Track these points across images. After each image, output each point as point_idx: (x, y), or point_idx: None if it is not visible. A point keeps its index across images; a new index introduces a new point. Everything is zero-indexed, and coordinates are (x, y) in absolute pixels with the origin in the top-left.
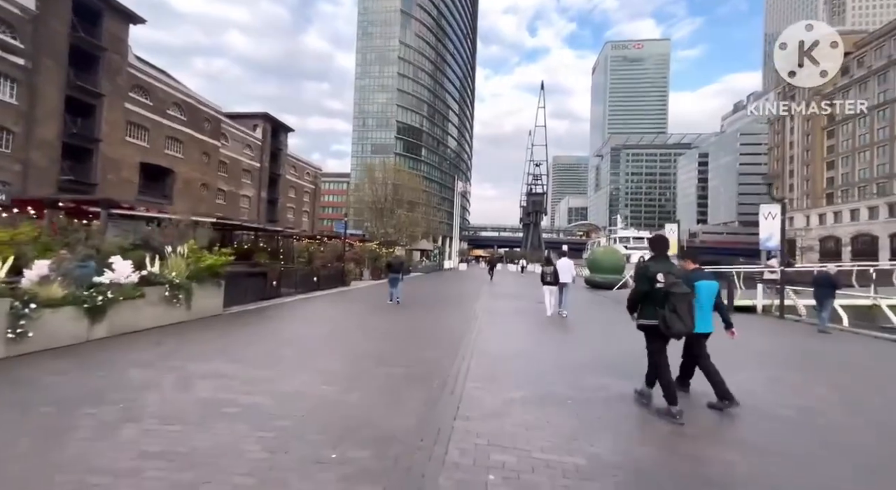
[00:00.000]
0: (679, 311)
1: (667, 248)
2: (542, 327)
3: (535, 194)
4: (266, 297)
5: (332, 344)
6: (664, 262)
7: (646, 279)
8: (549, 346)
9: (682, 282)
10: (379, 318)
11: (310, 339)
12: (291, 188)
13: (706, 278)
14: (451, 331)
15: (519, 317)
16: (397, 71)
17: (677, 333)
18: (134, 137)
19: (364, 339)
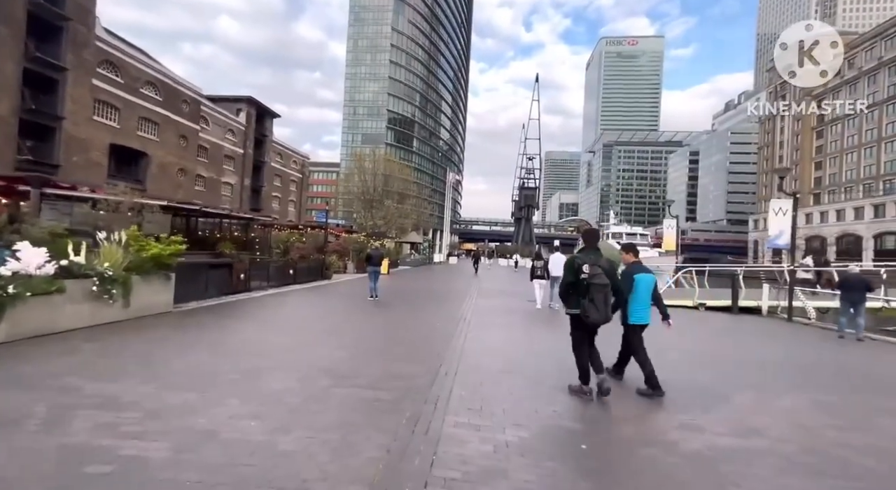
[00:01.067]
0: (596, 301)
1: (596, 241)
2: (537, 331)
3: (528, 188)
4: (231, 292)
5: (286, 353)
6: (592, 254)
7: (572, 270)
8: (548, 359)
9: (603, 273)
10: (353, 318)
11: (261, 347)
12: (277, 176)
13: (644, 271)
14: (435, 336)
15: (511, 318)
16: (389, 59)
17: (594, 322)
18: (103, 117)
19: (329, 347)
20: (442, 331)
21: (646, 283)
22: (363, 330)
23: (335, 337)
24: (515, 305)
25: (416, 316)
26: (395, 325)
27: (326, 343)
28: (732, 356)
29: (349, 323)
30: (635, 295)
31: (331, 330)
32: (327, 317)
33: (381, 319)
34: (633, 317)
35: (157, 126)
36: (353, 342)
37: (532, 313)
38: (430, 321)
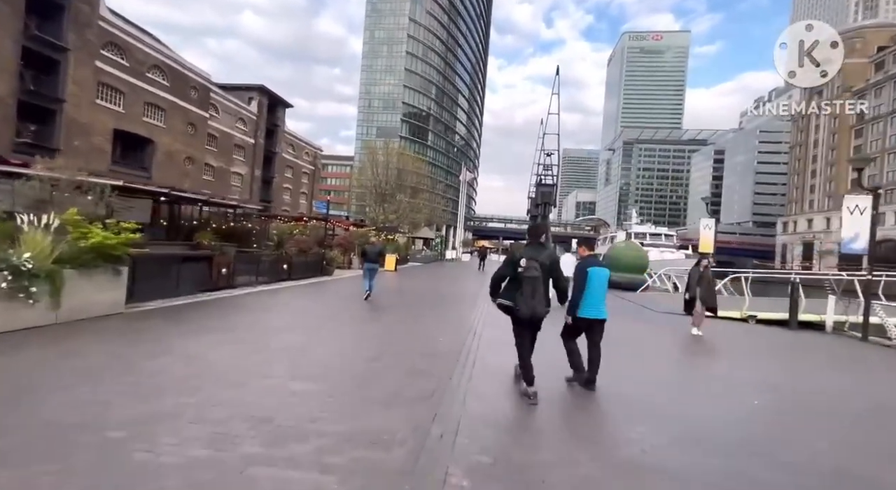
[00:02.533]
0: (524, 294)
1: (541, 235)
2: None
3: (545, 185)
4: (211, 289)
5: (220, 387)
6: (535, 249)
7: (511, 263)
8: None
9: (535, 268)
10: (338, 327)
11: (191, 373)
12: (289, 168)
13: (597, 265)
14: (434, 358)
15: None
16: (406, 50)
17: (524, 315)
18: (107, 101)
19: (285, 377)
20: (444, 349)
21: (599, 277)
22: (344, 347)
23: (302, 358)
24: None
25: (416, 326)
26: (387, 340)
27: (285, 370)
28: (835, 404)
29: (331, 334)
30: (588, 289)
31: (301, 346)
32: (306, 325)
33: (372, 331)
34: (583, 310)
35: (163, 112)
36: (322, 370)
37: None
38: (431, 333)
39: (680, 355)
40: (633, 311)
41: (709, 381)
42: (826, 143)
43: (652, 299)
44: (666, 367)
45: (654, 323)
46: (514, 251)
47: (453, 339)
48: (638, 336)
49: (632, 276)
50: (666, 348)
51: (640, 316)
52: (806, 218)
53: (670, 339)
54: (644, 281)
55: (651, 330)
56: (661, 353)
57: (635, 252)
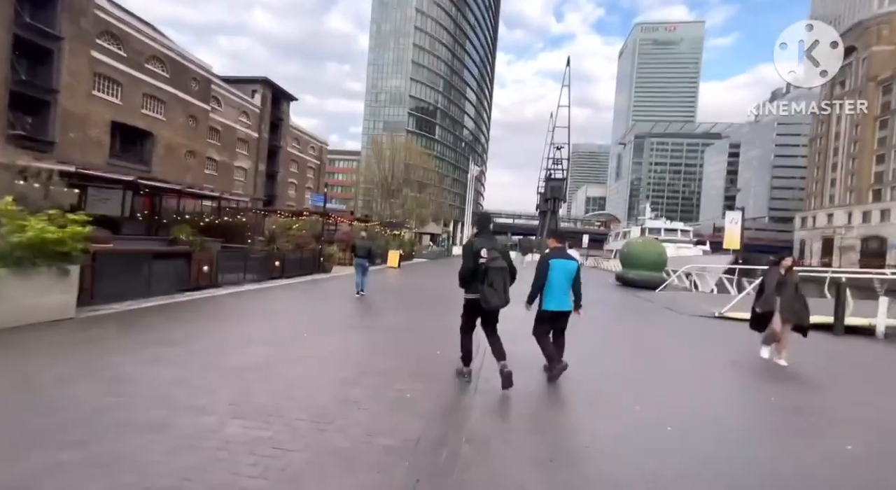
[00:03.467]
0: (495, 285)
1: (489, 225)
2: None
3: (555, 180)
4: (191, 288)
5: (128, 433)
6: (487, 238)
7: (471, 255)
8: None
9: (500, 258)
10: (318, 336)
11: (107, 406)
12: (293, 162)
13: (563, 257)
14: (428, 380)
15: None
16: (413, 42)
17: (494, 307)
18: (104, 92)
19: (229, 411)
20: (441, 367)
21: (563, 269)
22: (316, 366)
23: (258, 383)
24: None
25: (410, 334)
26: (372, 353)
27: (229, 402)
28: None
29: (306, 346)
30: (550, 281)
31: (262, 365)
32: (281, 333)
33: (357, 341)
34: (547, 303)
35: (163, 104)
36: (277, 401)
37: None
38: (427, 344)
39: (729, 378)
40: (656, 313)
41: (795, 425)
42: (848, 135)
43: (674, 300)
44: (713, 392)
45: (684, 329)
46: (473, 242)
47: (453, 353)
48: (666, 348)
49: (650, 275)
50: (706, 364)
51: (664, 320)
52: (826, 213)
53: (710, 353)
54: (662, 279)
55: (683, 338)
56: (704, 372)
57: (653, 248)
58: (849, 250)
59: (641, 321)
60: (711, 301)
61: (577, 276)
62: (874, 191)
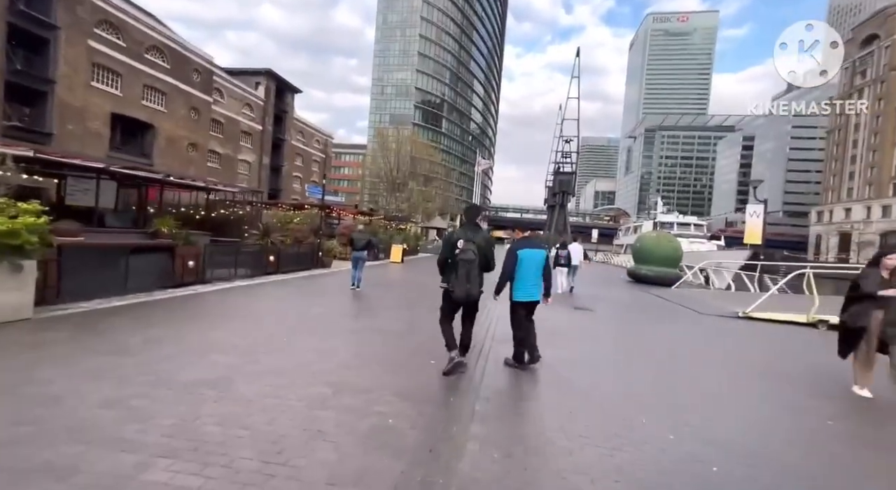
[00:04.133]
0: (459, 276)
1: (476, 216)
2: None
3: (564, 173)
4: (173, 285)
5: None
6: (470, 229)
7: (449, 245)
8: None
9: (471, 250)
10: (298, 341)
11: (26, 439)
12: (298, 156)
13: (531, 247)
14: (417, 400)
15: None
16: (420, 33)
17: (457, 298)
18: (102, 83)
19: (159, 445)
20: (434, 381)
21: (531, 259)
22: (287, 380)
23: (210, 405)
24: (564, 322)
25: (402, 339)
26: (356, 363)
27: (164, 433)
28: None
29: (280, 354)
30: (519, 271)
31: (222, 379)
32: (256, 338)
33: (341, 347)
34: (516, 293)
35: (164, 96)
36: (229, 431)
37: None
38: (421, 351)
39: (770, 393)
40: (674, 314)
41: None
42: (868, 127)
43: (691, 298)
44: (756, 416)
45: (707, 332)
46: (452, 233)
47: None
48: (690, 356)
49: (664, 271)
50: (740, 376)
51: (684, 321)
52: (843, 207)
53: (741, 361)
54: (677, 275)
55: (708, 343)
56: (740, 386)
57: (668, 243)
58: (867, 246)
59: (659, 323)
60: (731, 299)
61: (547, 265)
62: (895, 184)
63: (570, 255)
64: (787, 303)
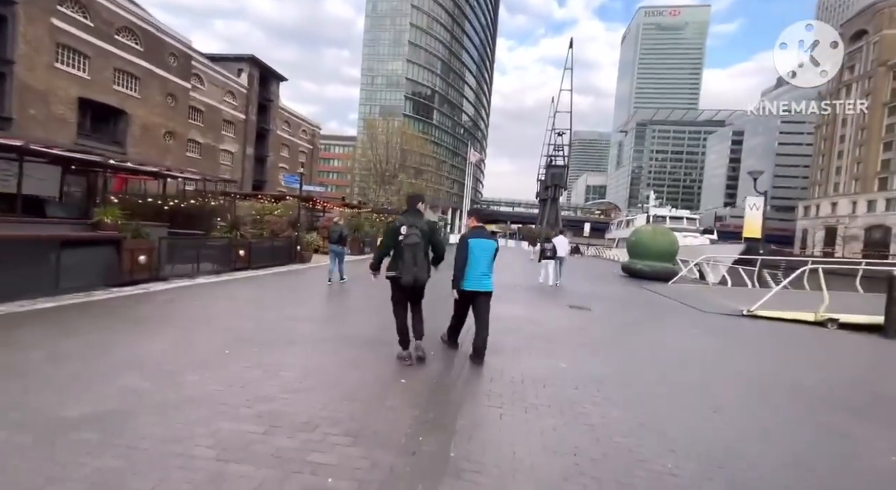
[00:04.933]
0: (406, 261)
1: (417, 203)
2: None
3: (556, 166)
4: (123, 282)
5: None
6: (412, 216)
7: (392, 232)
8: None
9: (416, 234)
10: (243, 354)
11: None
12: (284, 146)
13: (482, 236)
14: (373, 444)
15: (556, 346)
16: (410, 22)
17: (406, 283)
18: (68, 65)
19: None
20: (401, 407)
21: (481, 248)
22: (207, 417)
23: (88, 458)
24: (550, 314)
25: (375, 347)
26: (312, 383)
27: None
28: None
29: (222, 370)
30: (470, 261)
31: (124, 413)
32: (200, 348)
33: (299, 360)
34: (466, 283)
35: (137, 80)
36: None
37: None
38: (392, 366)
39: (808, 415)
40: (674, 311)
41: None
42: (856, 123)
43: (689, 294)
44: (799, 447)
45: (714, 333)
46: (396, 220)
47: (424, 381)
48: (701, 362)
49: (660, 266)
50: (765, 389)
51: (685, 320)
52: (830, 201)
53: (762, 369)
54: (673, 271)
55: (718, 346)
56: (769, 404)
57: (663, 237)
58: (852, 240)
59: (662, 324)
60: (732, 296)
61: (496, 256)
62: (880, 179)
63: (555, 248)
64: (791, 300)
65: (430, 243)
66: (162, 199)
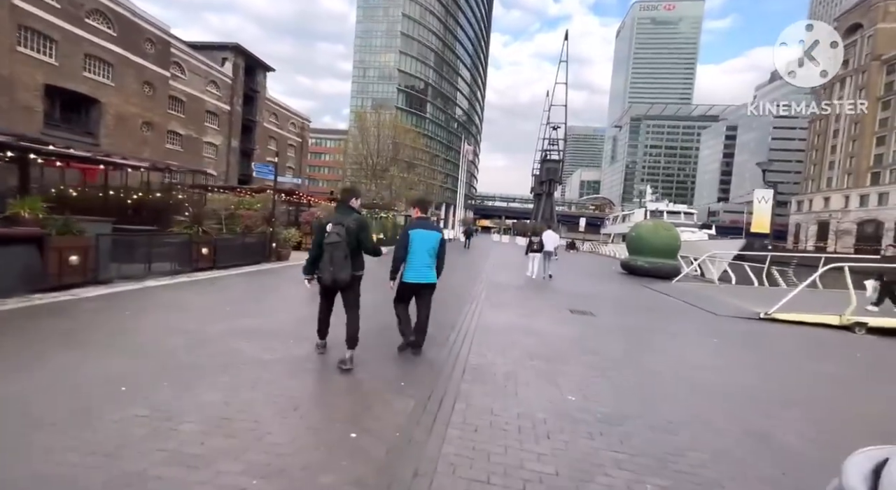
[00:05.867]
0: (324, 259)
1: (350, 199)
2: None
3: (551, 161)
4: (50, 287)
5: None
6: (343, 212)
7: (319, 230)
8: None
9: (337, 232)
10: (157, 393)
11: None
12: (272, 139)
13: (424, 228)
14: None
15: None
16: (403, 12)
17: (326, 281)
18: (33, 49)
19: None
20: (347, 469)
21: (422, 240)
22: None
23: None
24: (553, 327)
25: (344, 374)
26: (249, 429)
27: None
28: None
29: (98, 422)
30: (411, 252)
31: None
32: (79, 387)
33: (237, 396)
34: (407, 274)
35: (110, 67)
36: None
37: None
38: (348, 410)
39: None
40: (683, 314)
41: None
42: (849, 117)
43: (696, 294)
44: None
45: (735, 342)
46: (321, 218)
47: (379, 440)
48: (734, 383)
49: (662, 262)
50: (833, 424)
51: (699, 325)
52: (823, 196)
53: (814, 393)
54: (676, 268)
55: (746, 360)
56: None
57: (666, 232)
58: (844, 234)
59: (674, 329)
60: (740, 295)
61: (440, 247)
62: (873, 174)
63: (542, 242)
64: (808, 300)
65: (359, 240)
66: (125, 191)
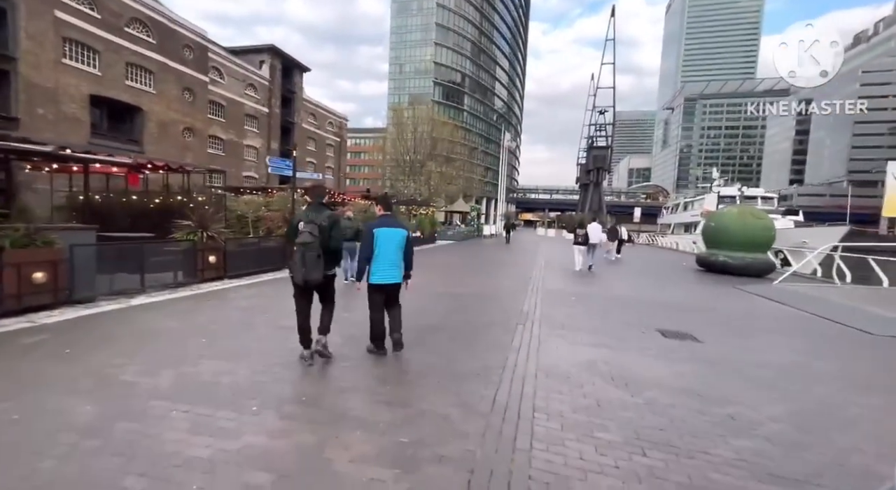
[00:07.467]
0: (296, 260)
1: (321, 197)
2: None
3: (598, 148)
4: (20, 310)
5: None
6: (315, 210)
7: (292, 229)
8: None
9: (308, 232)
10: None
11: None
12: (310, 140)
13: (389, 225)
14: None
15: None
16: (437, 2)
17: (297, 281)
18: (77, 61)
19: None
20: None
21: (388, 238)
22: None
23: None
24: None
25: (348, 424)
26: None
27: None
28: None
29: None
30: (376, 252)
31: None
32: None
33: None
34: (373, 275)
35: (151, 75)
36: None
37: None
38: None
39: None
40: (811, 333)
41: None
42: None
43: (820, 301)
44: None
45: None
46: (296, 215)
47: None
48: None
49: (751, 257)
50: None
51: (852, 354)
52: None
53: None
54: (769, 264)
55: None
56: None
57: (755, 221)
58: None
59: (831, 368)
60: (879, 301)
61: (407, 245)
62: None
63: (587, 235)
64: None
65: (330, 238)
66: (125, 195)
